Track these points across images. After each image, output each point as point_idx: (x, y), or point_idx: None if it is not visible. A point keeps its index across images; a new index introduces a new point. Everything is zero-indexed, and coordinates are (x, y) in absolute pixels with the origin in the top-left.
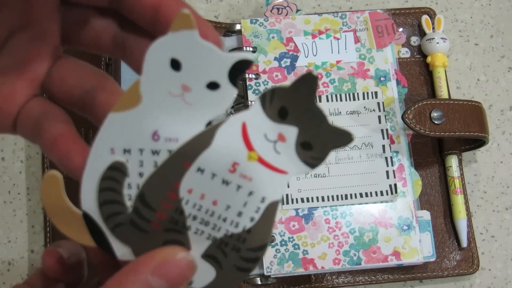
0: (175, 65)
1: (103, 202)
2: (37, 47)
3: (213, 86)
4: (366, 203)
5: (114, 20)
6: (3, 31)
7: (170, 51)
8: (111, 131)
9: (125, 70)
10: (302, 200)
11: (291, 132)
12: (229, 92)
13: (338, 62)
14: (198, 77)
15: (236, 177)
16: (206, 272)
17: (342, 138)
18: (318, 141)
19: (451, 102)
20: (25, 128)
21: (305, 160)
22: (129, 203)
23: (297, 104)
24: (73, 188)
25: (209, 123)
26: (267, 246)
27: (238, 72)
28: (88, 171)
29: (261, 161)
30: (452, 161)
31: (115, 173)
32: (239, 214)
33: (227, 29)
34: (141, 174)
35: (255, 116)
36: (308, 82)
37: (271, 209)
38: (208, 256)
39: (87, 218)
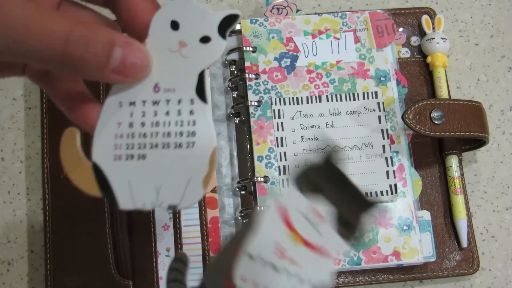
0: (174, 25)
1: None
2: None
3: (205, 39)
4: None
5: None
6: None
7: (170, 15)
8: (120, 87)
9: None
10: None
11: (328, 210)
12: (219, 44)
13: (338, 62)
14: (193, 33)
15: (286, 264)
16: None
17: (372, 211)
18: (355, 218)
19: (451, 102)
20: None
21: (344, 237)
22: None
23: (330, 181)
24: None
25: (202, 74)
26: None
27: (226, 25)
28: (100, 125)
29: (306, 243)
30: (452, 161)
31: (179, 265)
32: None
33: None
34: (143, 124)
35: (293, 199)
36: (334, 159)
37: None
38: None
39: (96, 169)
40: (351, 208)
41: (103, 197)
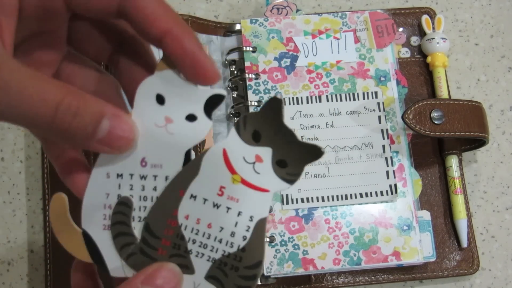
0: (160, 99)
1: (116, 235)
2: (46, 53)
3: (191, 118)
4: (366, 203)
5: (114, 39)
6: (19, 38)
7: (155, 88)
8: (107, 158)
9: None
10: (302, 200)
11: (266, 152)
12: (205, 124)
13: (338, 62)
14: (179, 110)
15: (224, 200)
16: None
17: (313, 153)
18: (292, 158)
19: (451, 102)
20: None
21: (282, 177)
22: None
23: (267, 127)
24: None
25: (188, 152)
26: (263, 263)
27: (212, 106)
28: (88, 194)
29: (244, 182)
30: (452, 161)
31: (123, 208)
32: (232, 234)
33: (227, 29)
34: (131, 197)
35: (233, 142)
36: (275, 105)
37: (260, 226)
38: (210, 277)
39: (86, 236)
40: (288, 149)
41: (94, 263)
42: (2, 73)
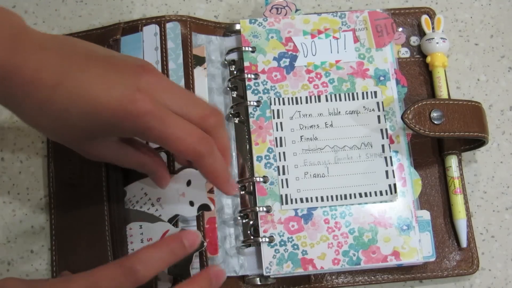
0: (189, 183)
1: None
2: None
3: (191, 203)
4: (366, 203)
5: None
6: None
7: (189, 176)
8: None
9: None
10: (301, 200)
11: None
12: (191, 212)
13: (337, 61)
14: (191, 194)
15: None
16: None
17: None
18: None
19: (450, 102)
20: None
21: None
22: None
23: None
24: None
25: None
26: None
27: (200, 209)
28: None
29: None
30: (452, 161)
31: None
32: None
33: (227, 29)
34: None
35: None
36: None
37: None
38: None
39: None
40: None
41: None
42: None
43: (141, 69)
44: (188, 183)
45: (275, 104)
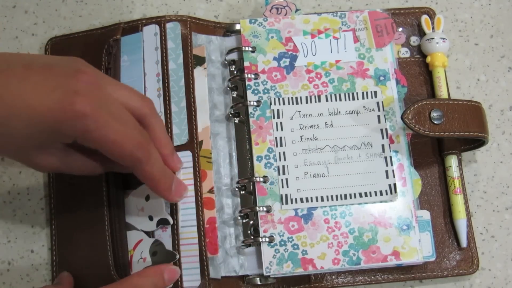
0: (147, 198)
1: None
2: None
3: (150, 218)
4: (366, 203)
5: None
6: None
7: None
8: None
9: (124, 73)
10: (302, 200)
11: None
12: (151, 227)
13: (337, 61)
14: (150, 209)
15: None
16: None
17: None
18: None
19: (450, 102)
20: None
21: None
22: None
23: None
24: None
25: None
26: None
27: (159, 223)
28: None
29: None
30: (452, 161)
31: None
32: None
33: (227, 29)
34: None
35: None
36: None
37: None
38: None
39: None
40: None
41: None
42: None
43: (77, 72)
44: (147, 197)
45: (275, 104)
